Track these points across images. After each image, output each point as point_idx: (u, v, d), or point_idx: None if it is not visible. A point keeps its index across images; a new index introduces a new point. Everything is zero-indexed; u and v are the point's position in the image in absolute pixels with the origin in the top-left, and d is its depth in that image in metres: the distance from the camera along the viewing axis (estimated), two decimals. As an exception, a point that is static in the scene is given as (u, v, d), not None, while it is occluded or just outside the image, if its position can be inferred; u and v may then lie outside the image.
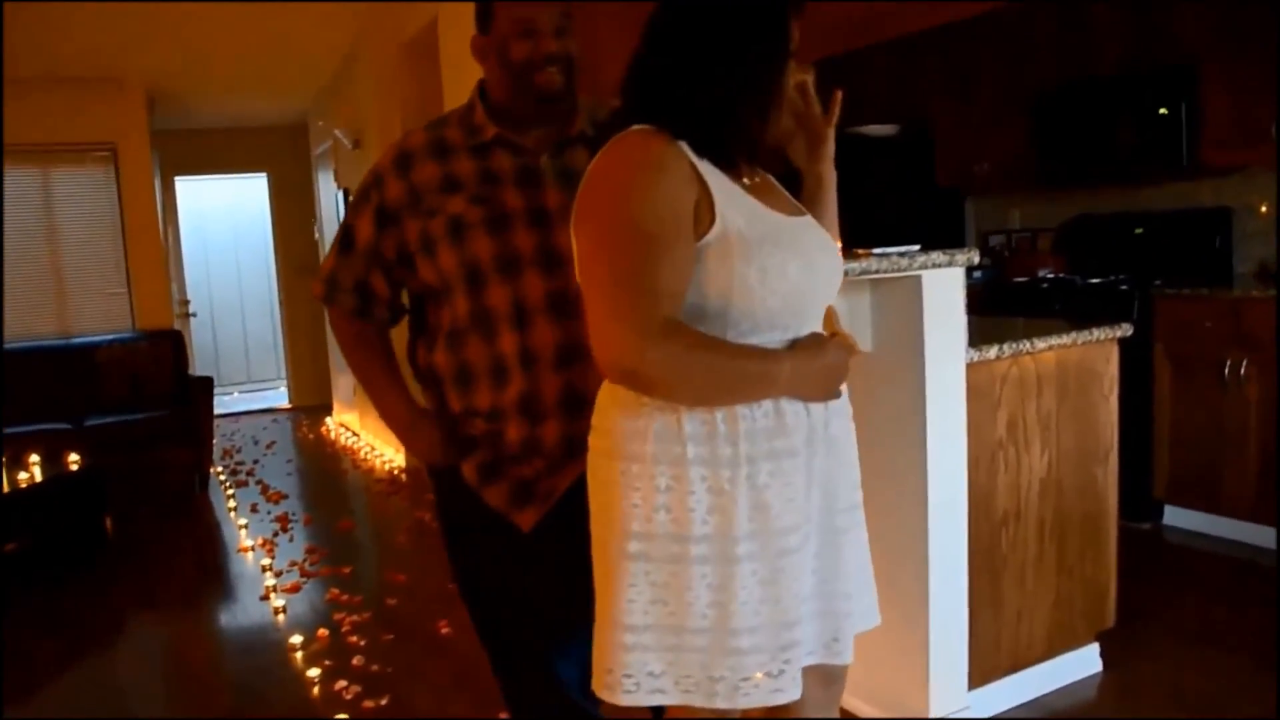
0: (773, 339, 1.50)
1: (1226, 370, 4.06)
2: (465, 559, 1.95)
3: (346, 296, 1.89)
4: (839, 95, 1.73)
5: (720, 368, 1.45)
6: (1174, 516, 4.40)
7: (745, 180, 1.56)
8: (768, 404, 1.49)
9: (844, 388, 1.62)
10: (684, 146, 1.47)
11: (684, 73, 1.49)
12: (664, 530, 1.48)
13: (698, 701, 1.50)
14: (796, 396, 1.51)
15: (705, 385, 1.45)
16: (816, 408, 1.54)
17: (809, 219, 1.64)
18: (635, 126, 1.49)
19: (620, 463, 1.51)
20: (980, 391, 2.65)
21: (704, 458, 1.47)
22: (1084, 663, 3.01)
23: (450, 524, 1.96)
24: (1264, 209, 4.56)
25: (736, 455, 1.46)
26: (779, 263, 1.46)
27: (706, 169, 1.47)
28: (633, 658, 1.51)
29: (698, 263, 1.45)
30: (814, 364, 1.51)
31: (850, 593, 1.63)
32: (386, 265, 1.85)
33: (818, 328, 1.59)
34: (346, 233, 1.89)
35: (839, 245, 1.72)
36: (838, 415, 1.61)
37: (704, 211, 1.45)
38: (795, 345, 1.52)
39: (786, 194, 1.69)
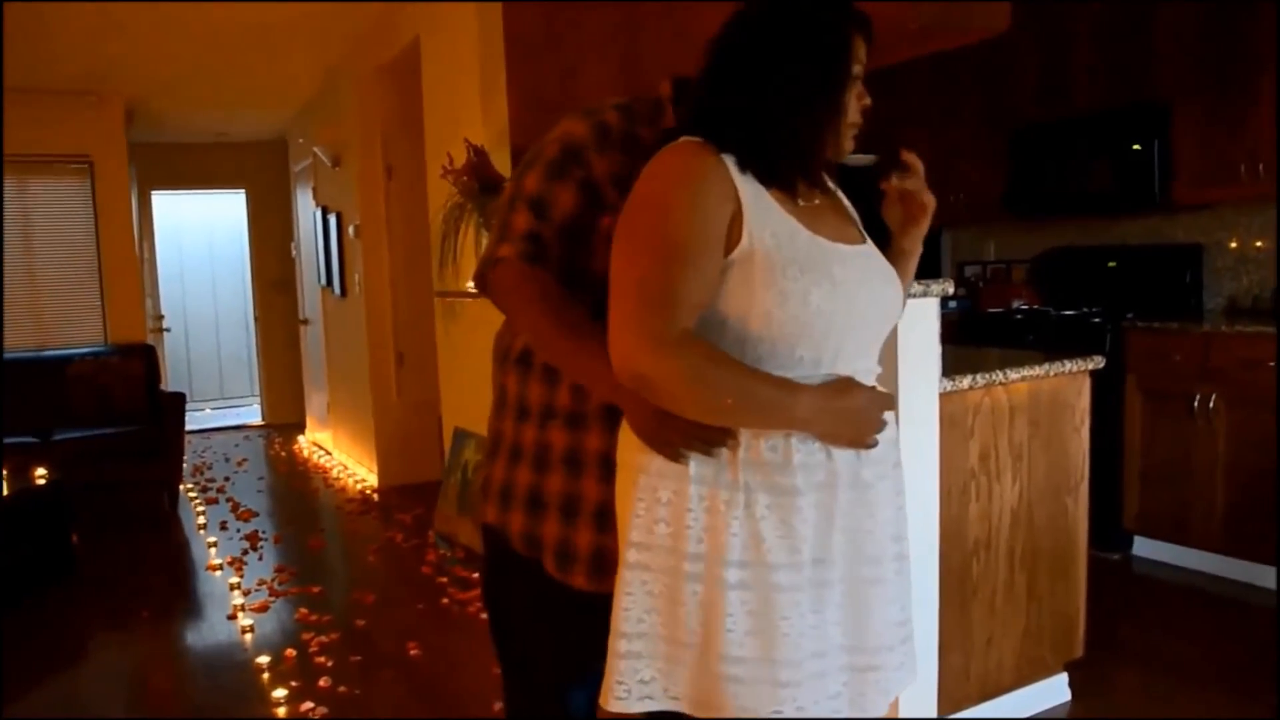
0: (796, 369, 1.46)
1: (1196, 404, 4.10)
2: (496, 584, 1.90)
3: (554, 263, 1.64)
4: (932, 202, 1.67)
5: (731, 387, 1.41)
6: (1143, 547, 4.44)
7: (800, 201, 1.52)
8: (776, 437, 1.46)
9: (890, 437, 1.57)
10: (728, 161, 1.45)
11: (737, 87, 1.49)
12: (662, 542, 1.48)
13: (684, 709, 1.50)
14: (818, 436, 1.47)
15: (713, 402, 1.42)
16: (844, 451, 1.49)
17: (867, 248, 1.59)
18: (683, 138, 1.48)
19: (630, 473, 1.53)
20: (953, 421, 2.67)
21: (705, 477, 1.46)
22: (1053, 692, 3.03)
23: (490, 552, 1.91)
24: (1233, 245, 4.63)
25: (736, 481, 1.45)
26: (801, 288, 1.43)
27: (747, 184, 1.45)
28: (625, 664, 1.51)
29: (723, 279, 1.44)
30: (837, 404, 1.46)
31: (880, 647, 1.57)
32: (585, 244, 1.62)
33: (859, 365, 1.53)
34: (538, 202, 1.65)
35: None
36: (873, 462, 1.54)
37: (736, 227, 1.43)
38: (825, 383, 1.47)
39: (853, 220, 1.65)
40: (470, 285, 1.74)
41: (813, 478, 1.47)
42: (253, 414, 10.58)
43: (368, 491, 6.67)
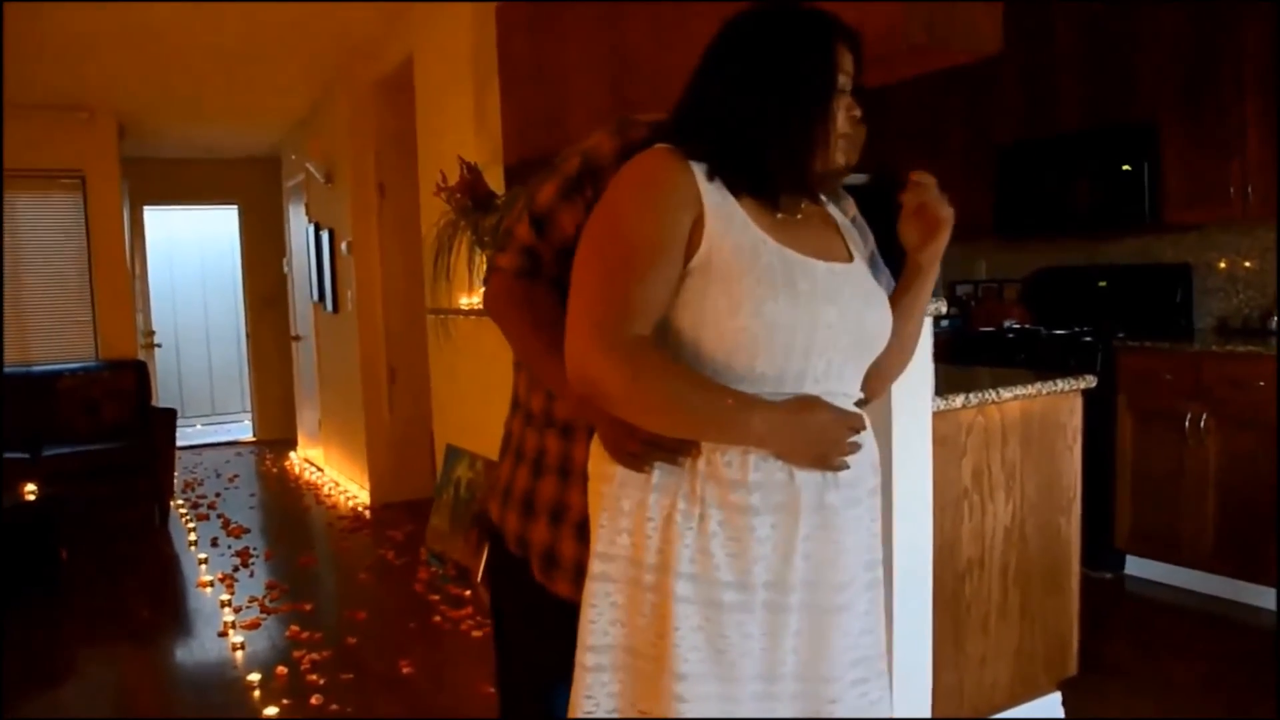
0: (758, 386, 1.42)
1: (1187, 423, 4.12)
2: (494, 580, 1.93)
3: (549, 279, 1.67)
4: (950, 214, 1.68)
5: (682, 395, 1.39)
6: (1135, 566, 4.44)
7: (780, 214, 1.50)
8: (734, 453, 1.43)
9: (866, 461, 1.53)
10: (697, 169, 1.44)
11: (718, 98, 1.49)
12: (624, 553, 1.47)
13: None
14: (777, 454, 1.43)
15: (662, 410, 1.40)
16: (809, 474, 1.45)
17: (851, 267, 1.55)
18: (656, 145, 1.48)
19: (597, 483, 1.52)
20: (946, 440, 2.67)
21: (666, 487, 1.44)
22: (1046, 711, 3.02)
23: (491, 548, 1.93)
24: (1222, 266, 4.66)
25: (693, 493, 1.43)
26: (755, 297, 1.39)
27: (713, 192, 1.44)
28: (592, 678, 1.49)
29: (681, 288, 1.43)
30: (796, 420, 1.42)
31: (840, 679, 1.50)
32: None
33: (832, 387, 1.48)
34: (542, 219, 1.67)
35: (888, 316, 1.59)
36: (842, 486, 1.48)
37: (698, 235, 1.42)
38: (786, 399, 1.43)
39: (843, 238, 1.61)
40: (463, 301, 1.77)
41: (772, 498, 1.43)
42: (244, 430, 10.54)
43: (359, 508, 6.65)
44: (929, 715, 2.64)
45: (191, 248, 10.96)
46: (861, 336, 1.52)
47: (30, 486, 5.12)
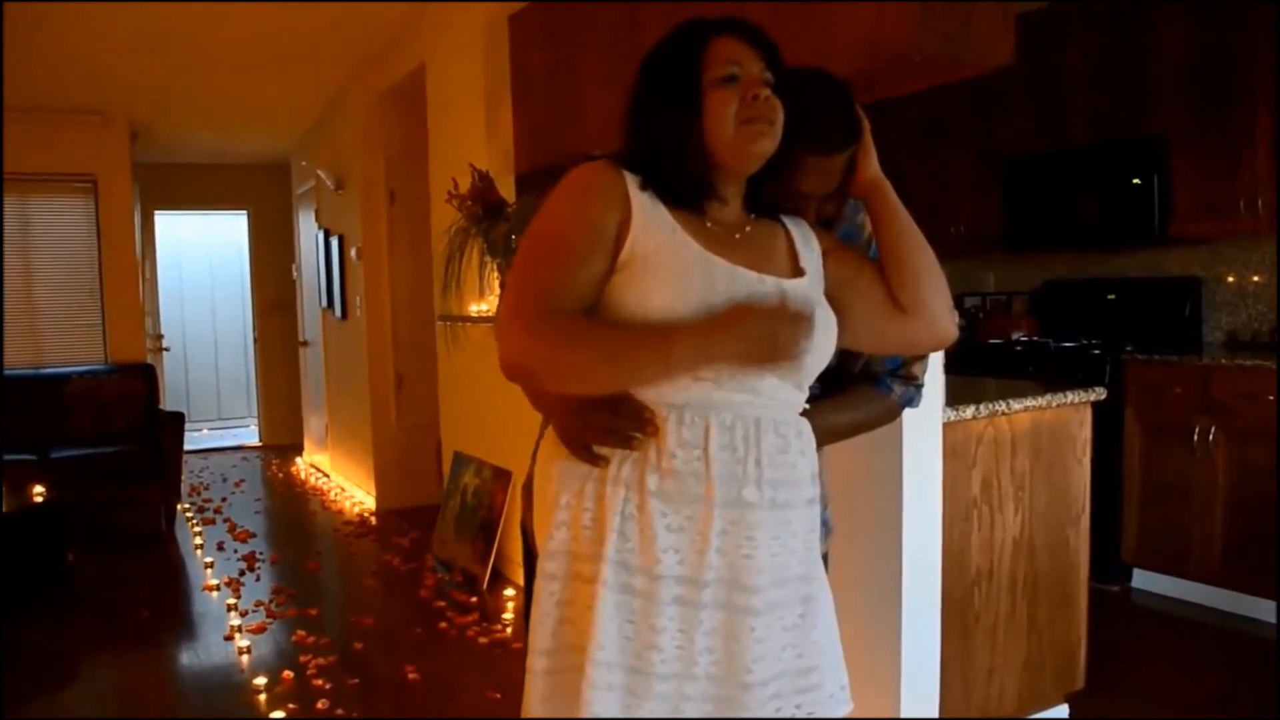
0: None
1: (1195, 436, 4.11)
2: (526, 575, 1.96)
3: None
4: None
5: (601, 343, 1.43)
6: (1142, 579, 4.43)
7: (709, 223, 1.52)
8: (654, 441, 1.44)
9: (803, 469, 1.51)
10: (630, 178, 1.49)
11: (630, 115, 1.57)
12: (561, 546, 1.48)
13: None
14: (725, 359, 1.40)
15: (586, 363, 1.42)
16: (725, 464, 1.43)
17: (785, 282, 1.51)
18: (599, 158, 1.54)
19: (541, 484, 1.54)
20: (956, 451, 2.67)
21: (598, 475, 1.46)
22: (1053, 724, 3.03)
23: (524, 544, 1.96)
24: (1231, 280, 4.66)
25: (619, 475, 1.45)
26: (670, 290, 1.42)
27: (643, 199, 1.48)
28: (542, 681, 1.49)
29: (606, 286, 1.47)
30: (724, 327, 1.39)
31: (753, 685, 1.45)
32: None
33: (758, 384, 1.46)
34: None
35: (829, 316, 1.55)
36: (762, 484, 1.45)
37: (624, 235, 1.46)
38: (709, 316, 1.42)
39: (784, 254, 1.58)
40: (473, 309, 1.80)
41: (688, 488, 1.43)
42: (250, 435, 10.57)
43: (365, 514, 6.66)
44: (937, 725, 2.64)
45: (201, 253, 11.00)
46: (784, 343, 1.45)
47: (38, 489, 5.14)
